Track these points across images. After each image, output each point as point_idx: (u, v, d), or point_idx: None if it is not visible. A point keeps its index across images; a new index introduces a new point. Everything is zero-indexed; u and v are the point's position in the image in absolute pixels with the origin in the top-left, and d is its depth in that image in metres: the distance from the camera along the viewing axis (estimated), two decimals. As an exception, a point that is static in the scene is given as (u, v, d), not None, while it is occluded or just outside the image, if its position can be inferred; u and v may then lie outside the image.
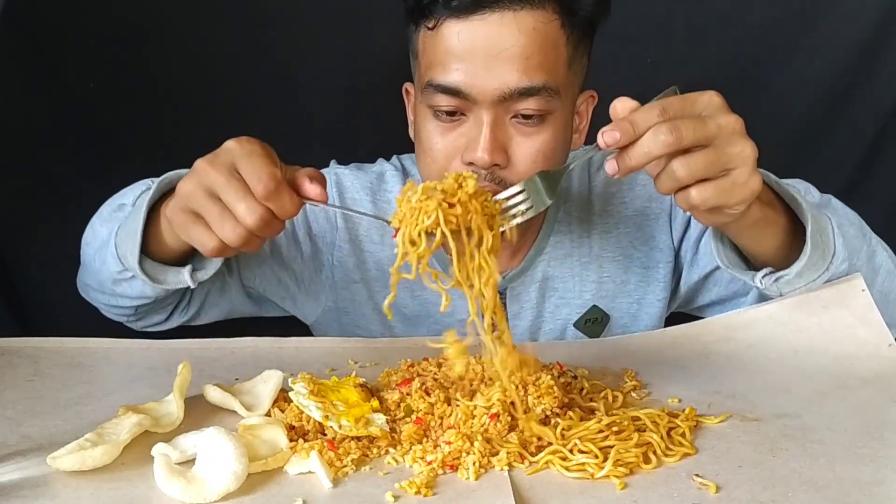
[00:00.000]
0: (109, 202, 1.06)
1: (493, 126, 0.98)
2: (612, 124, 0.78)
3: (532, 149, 1.00)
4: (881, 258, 1.04)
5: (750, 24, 1.60)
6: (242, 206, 0.78)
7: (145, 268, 0.95)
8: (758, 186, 0.82)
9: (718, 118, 0.80)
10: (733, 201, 0.81)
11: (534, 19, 0.96)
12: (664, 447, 0.73)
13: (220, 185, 0.79)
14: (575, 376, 0.88)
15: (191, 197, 0.81)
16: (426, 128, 1.03)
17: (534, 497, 0.66)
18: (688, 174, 0.79)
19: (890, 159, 1.68)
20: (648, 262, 1.19)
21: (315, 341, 1.03)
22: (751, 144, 0.81)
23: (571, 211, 1.20)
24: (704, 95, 0.82)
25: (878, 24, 1.59)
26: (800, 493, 0.67)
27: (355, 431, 0.73)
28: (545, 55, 0.98)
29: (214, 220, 0.79)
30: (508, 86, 0.96)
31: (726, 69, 1.62)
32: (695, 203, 0.80)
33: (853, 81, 1.62)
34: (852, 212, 1.07)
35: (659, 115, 0.78)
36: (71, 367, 0.90)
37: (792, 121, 1.65)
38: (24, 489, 0.65)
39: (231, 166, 0.79)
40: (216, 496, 0.64)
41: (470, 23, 0.96)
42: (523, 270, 1.18)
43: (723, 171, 0.80)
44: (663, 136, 0.76)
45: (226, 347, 0.97)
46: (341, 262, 1.18)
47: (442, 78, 0.98)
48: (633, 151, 0.78)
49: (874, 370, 0.94)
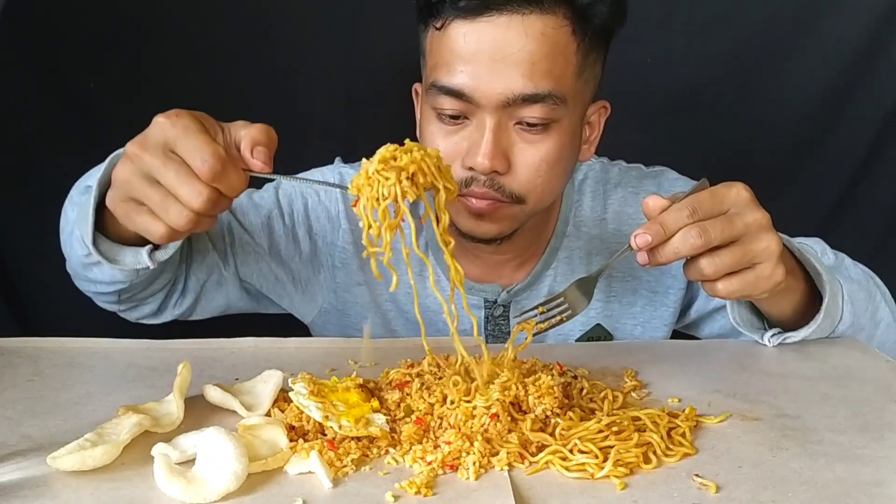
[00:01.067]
0: (77, 184, 1.01)
1: (495, 131, 0.97)
2: (643, 226, 0.83)
3: (535, 157, 0.99)
4: (883, 312, 1.08)
5: (750, 24, 1.60)
6: (186, 189, 0.73)
7: (102, 250, 0.90)
8: (781, 278, 0.87)
9: (746, 215, 0.85)
10: (757, 292, 0.88)
11: (543, 24, 0.95)
12: (664, 447, 0.73)
13: (156, 169, 0.74)
14: (575, 376, 0.88)
15: (128, 185, 0.76)
16: (429, 129, 1.02)
17: (534, 497, 0.66)
18: (714, 272, 0.85)
19: (890, 159, 1.68)
20: (658, 286, 1.18)
21: (315, 341, 1.03)
22: (776, 239, 0.86)
23: (582, 226, 1.18)
24: (733, 190, 0.86)
25: (878, 24, 1.59)
26: (800, 493, 0.67)
27: (355, 432, 0.73)
28: (553, 61, 0.96)
29: (157, 206, 0.75)
30: (513, 91, 0.95)
31: (726, 69, 1.62)
32: (721, 295, 0.87)
33: (853, 81, 1.63)
34: (862, 269, 1.11)
35: (689, 216, 0.83)
36: (71, 367, 0.90)
37: (792, 121, 1.66)
38: (24, 489, 0.65)
39: (165, 146, 0.74)
40: (216, 496, 0.64)
41: (477, 24, 0.95)
42: (529, 285, 1.16)
43: (748, 265, 0.85)
44: (692, 240, 0.82)
45: (226, 347, 0.97)
46: (344, 263, 1.17)
47: (446, 79, 0.97)
48: (663, 250, 0.83)
49: (874, 371, 0.94)
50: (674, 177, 1.21)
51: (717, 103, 1.66)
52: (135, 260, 0.92)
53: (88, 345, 0.96)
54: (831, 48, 1.60)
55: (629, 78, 1.48)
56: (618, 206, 1.19)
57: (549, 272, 1.17)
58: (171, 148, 0.74)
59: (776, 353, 0.94)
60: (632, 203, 1.18)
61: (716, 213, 0.84)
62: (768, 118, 1.66)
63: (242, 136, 0.77)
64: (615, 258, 0.90)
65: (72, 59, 1.44)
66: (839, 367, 0.94)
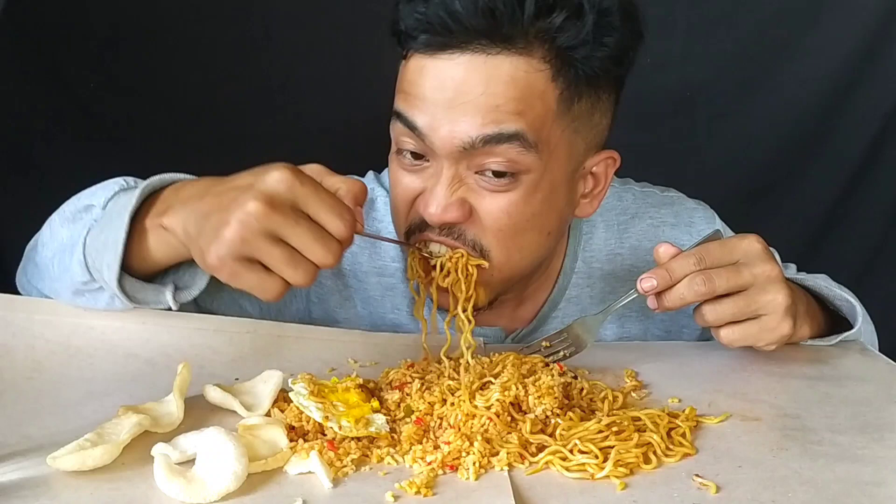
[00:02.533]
0: (73, 200, 0.93)
1: (451, 181, 0.87)
2: (650, 271, 0.85)
3: (495, 206, 0.88)
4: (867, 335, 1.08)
5: (750, 25, 1.60)
6: (320, 248, 0.71)
7: (124, 285, 0.84)
8: (787, 332, 0.88)
9: (755, 266, 0.85)
10: (760, 344, 0.89)
11: (512, 67, 0.84)
12: (664, 447, 0.73)
13: (288, 228, 0.70)
14: (575, 376, 0.88)
15: (247, 245, 0.71)
16: (392, 162, 0.95)
17: (534, 497, 0.66)
18: (714, 319, 0.87)
19: (890, 159, 1.68)
20: (672, 325, 1.13)
21: (316, 331, 1.00)
22: (785, 292, 0.87)
23: (593, 262, 1.10)
24: (744, 241, 0.87)
25: (878, 24, 1.59)
26: (800, 493, 0.67)
27: (355, 432, 0.73)
28: (525, 104, 0.85)
29: (282, 264, 0.71)
30: (470, 136, 0.84)
31: (726, 69, 1.62)
32: (723, 343, 0.89)
33: (853, 81, 1.63)
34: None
35: (695, 263, 0.84)
36: (69, 355, 0.88)
37: (792, 121, 1.66)
38: (24, 489, 0.65)
39: (294, 205, 0.71)
40: (216, 496, 0.64)
41: (436, 61, 0.85)
42: (535, 328, 1.08)
43: (753, 315, 0.86)
44: (697, 286, 0.84)
45: (225, 330, 0.93)
46: (321, 298, 1.09)
47: (405, 109, 0.88)
48: (669, 295, 0.85)
49: (874, 371, 0.94)
50: (691, 206, 1.15)
51: (717, 103, 1.66)
52: (156, 300, 0.86)
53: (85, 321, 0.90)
54: (831, 48, 1.61)
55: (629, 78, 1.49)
56: (636, 241, 1.10)
57: (556, 314, 1.08)
58: (300, 207, 0.71)
59: (776, 354, 0.94)
60: (651, 237, 1.10)
61: (724, 262, 0.85)
62: (768, 118, 1.66)
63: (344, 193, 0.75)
64: (621, 302, 0.90)
65: (72, 59, 1.44)
66: (839, 367, 0.94)
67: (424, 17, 0.84)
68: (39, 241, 0.95)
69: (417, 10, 0.85)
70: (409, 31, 0.86)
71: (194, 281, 0.87)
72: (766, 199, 1.71)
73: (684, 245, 0.90)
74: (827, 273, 1.10)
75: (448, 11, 0.82)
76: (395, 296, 1.08)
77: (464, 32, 0.83)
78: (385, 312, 1.09)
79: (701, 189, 1.23)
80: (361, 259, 1.08)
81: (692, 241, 0.95)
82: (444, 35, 0.84)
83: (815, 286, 0.99)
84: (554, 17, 0.83)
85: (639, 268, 1.07)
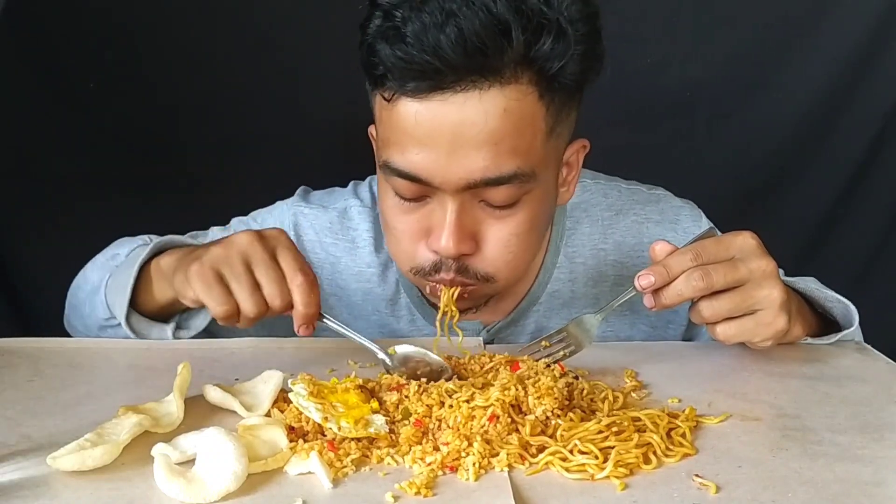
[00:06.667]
0: (105, 251, 1.09)
1: (459, 213, 0.88)
2: (648, 268, 0.85)
3: (505, 233, 0.91)
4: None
5: (750, 25, 1.61)
6: (276, 288, 0.82)
7: (131, 321, 0.97)
8: (783, 327, 0.88)
9: (750, 262, 0.86)
10: (756, 339, 0.89)
11: (505, 98, 0.83)
12: (664, 447, 0.73)
13: (262, 262, 0.83)
14: (576, 376, 0.88)
15: (227, 261, 0.83)
16: (387, 203, 0.94)
17: (534, 497, 0.66)
18: (711, 314, 0.86)
19: (890, 159, 1.68)
20: (658, 321, 1.13)
21: (315, 341, 1.02)
22: (780, 288, 0.87)
23: (576, 258, 1.10)
24: (739, 237, 0.87)
25: (878, 24, 1.60)
26: (800, 493, 0.67)
27: (355, 433, 0.73)
28: (519, 137, 0.85)
29: (242, 288, 0.82)
30: (474, 176, 0.85)
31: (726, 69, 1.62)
32: (719, 339, 0.88)
33: (853, 82, 1.63)
34: None
35: (692, 259, 0.84)
36: (71, 367, 0.90)
37: (792, 121, 1.66)
38: (24, 489, 0.65)
39: (273, 250, 0.84)
40: (216, 496, 0.64)
41: (429, 104, 0.83)
42: (513, 322, 1.09)
43: (749, 311, 0.86)
44: (695, 282, 0.84)
45: (226, 347, 0.96)
46: None
47: (399, 161, 0.87)
48: (666, 292, 0.85)
49: (874, 371, 0.94)
50: (678, 204, 1.15)
51: (718, 103, 1.66)
52: (159, 335, 0.99)
53: (88, 345, 0.98)
54: (831, 48, 1.61)
55: (629, 78, 1.49)
56: (620, 237, 1.11)
57: (535, 308, 1.09)
58: (275, 255, 0.84)
59: (776, 354, 0.94)
60: (635, 234, 1.11)
61: (720, 258, 0.85)
62: (768, 118, 1.66)
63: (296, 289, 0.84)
64: (619, 300, 0.90)
65: (72, 59, 1.44)
66: (839, 367, 0.94)
67: (410, 60, 0.81)
68: (76, 285, 1.10)
69: (399, 51, 0.81)
70: (394, 75, 0.83)
71: (195, 322, 1.00)
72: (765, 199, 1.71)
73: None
74: (827, 273, 1.10)
75: (436, 54, 0.80)
76: (374, 298, 1.12)
77: (454, 72, 0.81)
78: (368, 314, 1.13)
79: (701, 189, 1.23)
80: (341, 267, 1.12)
81: (677, 239, 0.95)
82: (434, 78, 0.82)
83: (805, 289, 0.99)
84: (542, 43, 0.82)
85: (623, 263, 1.11)
